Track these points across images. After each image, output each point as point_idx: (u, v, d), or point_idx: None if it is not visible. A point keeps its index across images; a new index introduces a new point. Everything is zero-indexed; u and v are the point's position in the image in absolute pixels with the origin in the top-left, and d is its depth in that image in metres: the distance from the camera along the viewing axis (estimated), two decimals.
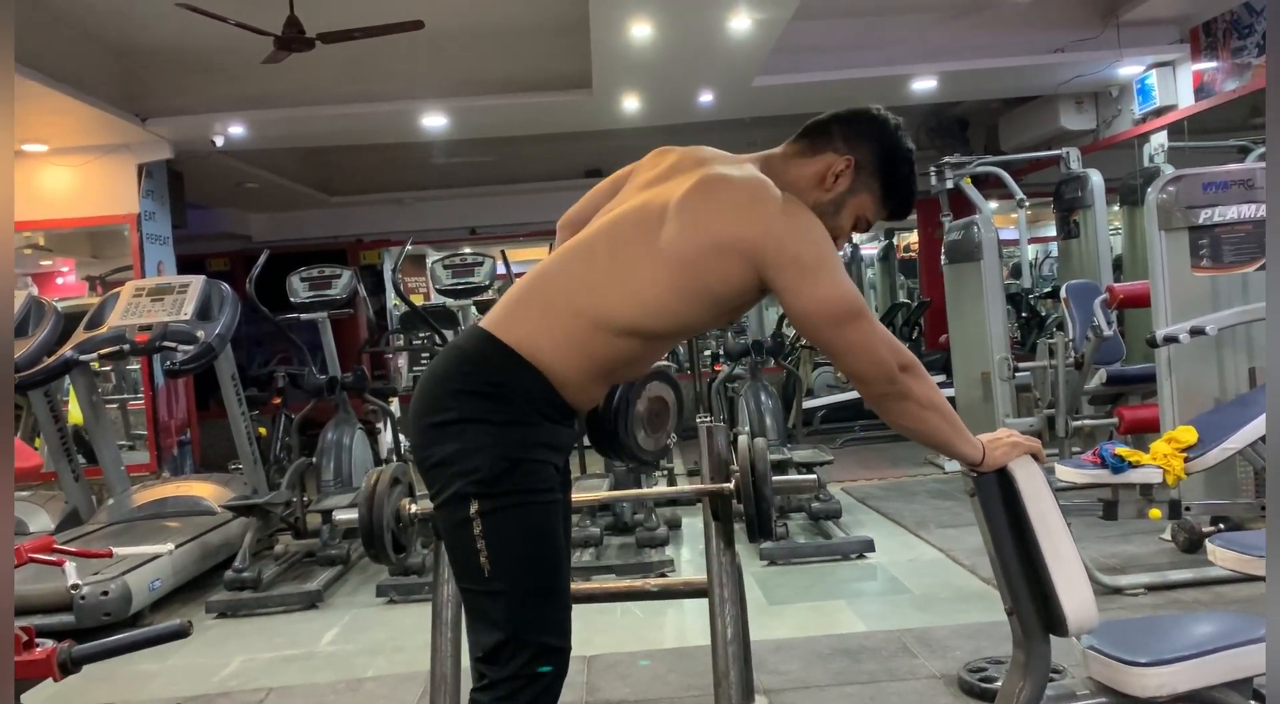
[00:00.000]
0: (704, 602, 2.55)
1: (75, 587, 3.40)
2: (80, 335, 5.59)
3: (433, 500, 1.89)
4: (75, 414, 6.44)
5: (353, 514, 2.40)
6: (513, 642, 1.78)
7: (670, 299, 1.82)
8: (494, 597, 1.81)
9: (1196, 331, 4.48)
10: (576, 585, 2.11)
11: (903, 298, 12.27)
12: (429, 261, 8.33)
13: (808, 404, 8.73)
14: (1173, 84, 7.43)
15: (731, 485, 2.49)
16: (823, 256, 1.78)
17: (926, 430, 1.83)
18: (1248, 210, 4.74)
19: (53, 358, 5.52)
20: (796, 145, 1.94)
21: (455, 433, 1.80)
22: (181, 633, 2.02)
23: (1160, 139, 7.67)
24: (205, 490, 6.10)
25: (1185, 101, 7.35)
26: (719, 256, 1.79)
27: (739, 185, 1.83)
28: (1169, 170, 6.27)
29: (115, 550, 3.46)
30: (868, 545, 5.20)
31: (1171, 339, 4.57)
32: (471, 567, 1.81)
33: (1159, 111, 7.57)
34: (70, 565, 2.93)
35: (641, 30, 5.96)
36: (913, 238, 12.91)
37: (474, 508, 1.78)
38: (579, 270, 1.88)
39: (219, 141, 7.56)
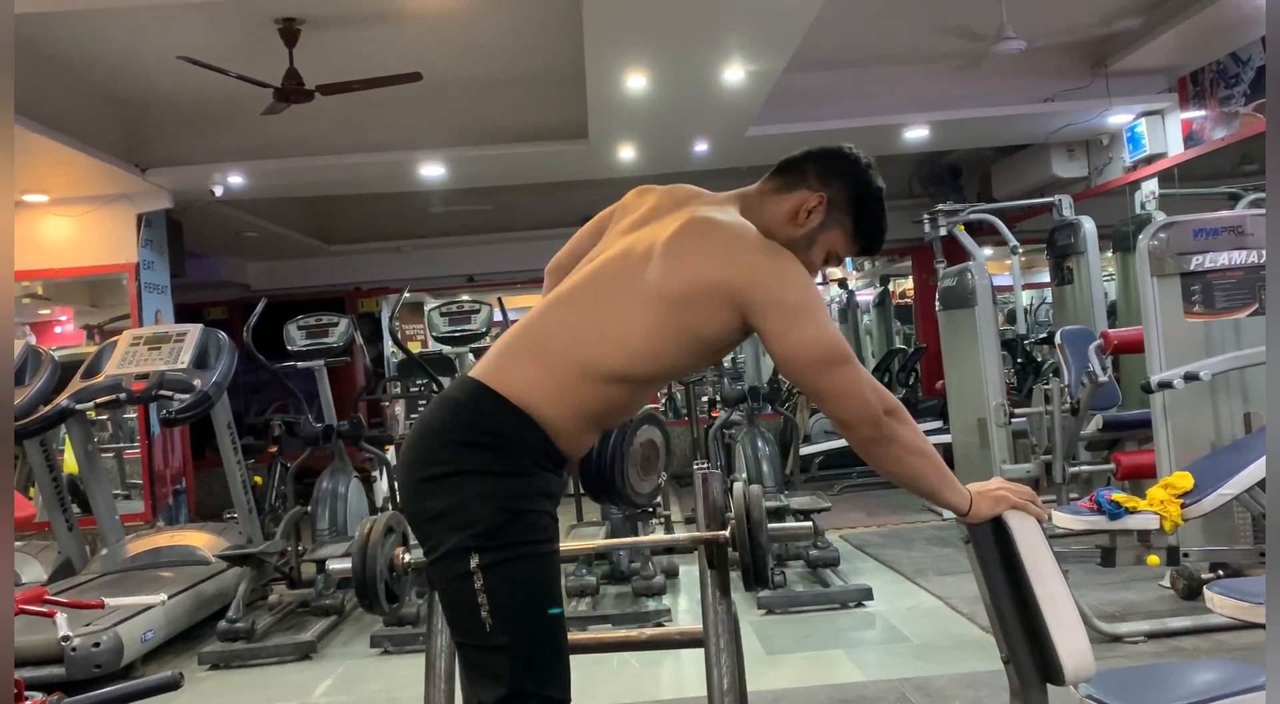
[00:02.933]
0: (701, 651, 2.52)
1: (66, 638, 3.37)
2: (77, 384, 5.58)
3: (427, 555, 1.85)
4: (70, 463, 6.41)
5: (346, 564, 2.38)
6: (516, 696, 1.76)
7: (656, 343, 1.83)
8: (496, 651, 1.77)
9: (1191, 377, 4.49)
10: (572, 635, 2.09)
11: (899, 344, 12.30)
12: (426, 309, 8.36)
13: (805, 450, 8.71)
14: (1162, 132, 7.52)
15: (727, 533, 2.48)
16: (806, 301, 1.80)
17: (913, 476, 1.82)
18: (1239, 256, 4.78)
19: (49, 407, 5.50)
20: (772, 182, 1.98)
21: (452, 486, 1.78)
22: (172, 685, 2.01)
23: (1151, 186, 7.75)
24: (200, 540, 6.06)
25: (1175, 149, 7.43)
26: (703, 299, 1.81)
27: (723, 229, 1.85)
28: (1160, 217, 6.33)
29: (108, 601, 3.45)
30: (866, 594, 5.17)
31: (1166, 385, 4.58)
32: (472, 621, 1.78)
33: (1149, 159, 7.66)
34: (61, 616, 2.92)
35: (637, 82, 6.04)
36: (908, 284, 12.98)
37: (474, 561, 1.75)
38: (566, 319, 1.89)
39: (218, 191, 7.62)
